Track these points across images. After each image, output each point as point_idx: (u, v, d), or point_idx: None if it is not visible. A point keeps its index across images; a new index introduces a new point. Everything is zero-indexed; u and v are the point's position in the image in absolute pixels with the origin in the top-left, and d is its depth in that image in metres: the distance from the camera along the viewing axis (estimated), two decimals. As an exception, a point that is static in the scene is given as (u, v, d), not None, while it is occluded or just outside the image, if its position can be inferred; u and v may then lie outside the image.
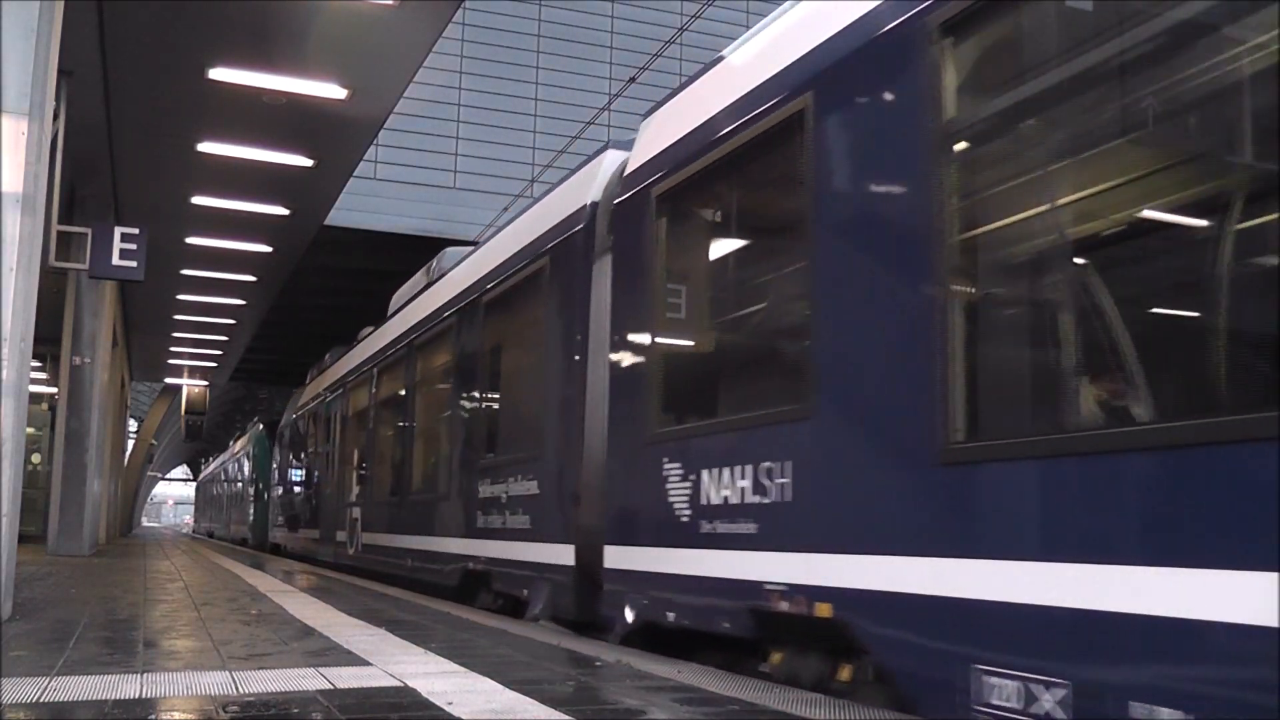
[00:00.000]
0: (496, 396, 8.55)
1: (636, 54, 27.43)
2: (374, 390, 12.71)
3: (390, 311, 12.87)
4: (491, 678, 4.03)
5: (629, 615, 5.52)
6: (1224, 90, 3.08)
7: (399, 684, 3.87)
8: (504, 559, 7.50)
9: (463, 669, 4.28)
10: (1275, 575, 2.45)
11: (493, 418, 8.50)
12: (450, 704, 3.43)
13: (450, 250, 11.18)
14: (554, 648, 5.19)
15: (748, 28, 5.49)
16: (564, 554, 6.44)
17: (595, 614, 6.00)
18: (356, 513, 13.07)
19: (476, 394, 8.71)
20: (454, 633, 5.80)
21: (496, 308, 8.36)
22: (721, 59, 5.43)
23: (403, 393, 11.29)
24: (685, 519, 5.00)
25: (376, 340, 13.13)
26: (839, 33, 4.29)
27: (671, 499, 5.15)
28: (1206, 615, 2.62)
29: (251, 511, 28.92)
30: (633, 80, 17.31)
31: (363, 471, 13.13)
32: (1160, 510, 2.83)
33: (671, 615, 5.12)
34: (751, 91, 4.88)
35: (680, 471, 5.12)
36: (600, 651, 5.04)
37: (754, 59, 5.03)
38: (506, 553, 7.43)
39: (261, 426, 29.31)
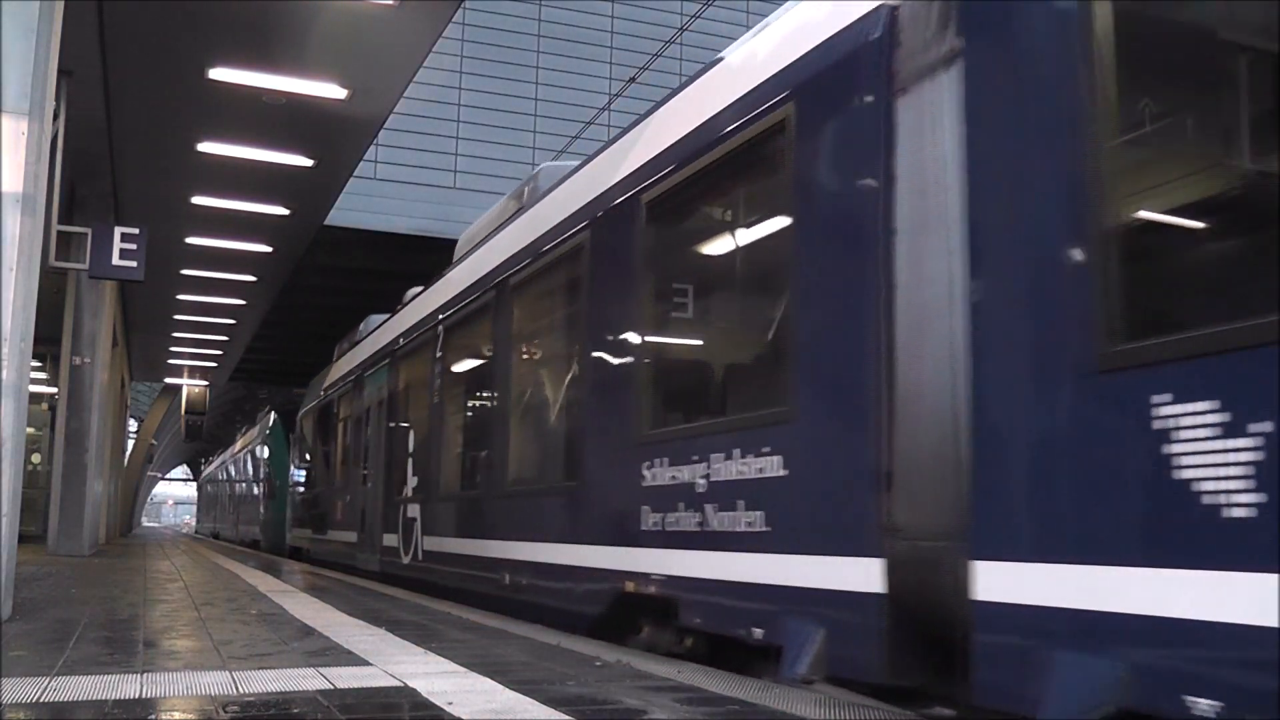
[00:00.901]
0: (672, 336, 5.96)
1: (636, 54, 27.45)
2: (439, 354, 9.83)
3: (457, 256, 10.15)
4: (492, 678, 4.03)
5: (1076, 690, 2.99)
6: None
7: (399, 684, 3.87)
8: (706, 579, 4.86)
9: (463, 669, 4.28)
10: None
11: (665, 369, 5.81)
12: (450, 704, 3.43)
13: (549, 166, 8.72)
14: (554, 648, 5.18)
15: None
16: (860, 573, 3.84)
17: (941, 677, 3.60)
18: (414, 511, 10.16)
19: (630, 337, 5.88)
20: (454, 633, 5.80)
21: (670, 205, 5.70)
22: None
23: (489, 351, 8.51)
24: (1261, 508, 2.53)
25: (441, 292, 10.13)
26: None
27: (1211, 472, 2.66)
28: None
29: (263, 511, 26.01)
30: (633, 80, 17.31)
31: (425, 458, 10.16)
32: None
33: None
34: None
35: (1238, 415, 2.61)
36: (600, 651, 5.04)
37: None
38: (712, 569, 4.81)
39: (275, 415, 26.24)
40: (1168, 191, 3.28)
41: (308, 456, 18.31)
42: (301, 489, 18.82)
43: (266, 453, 26.08)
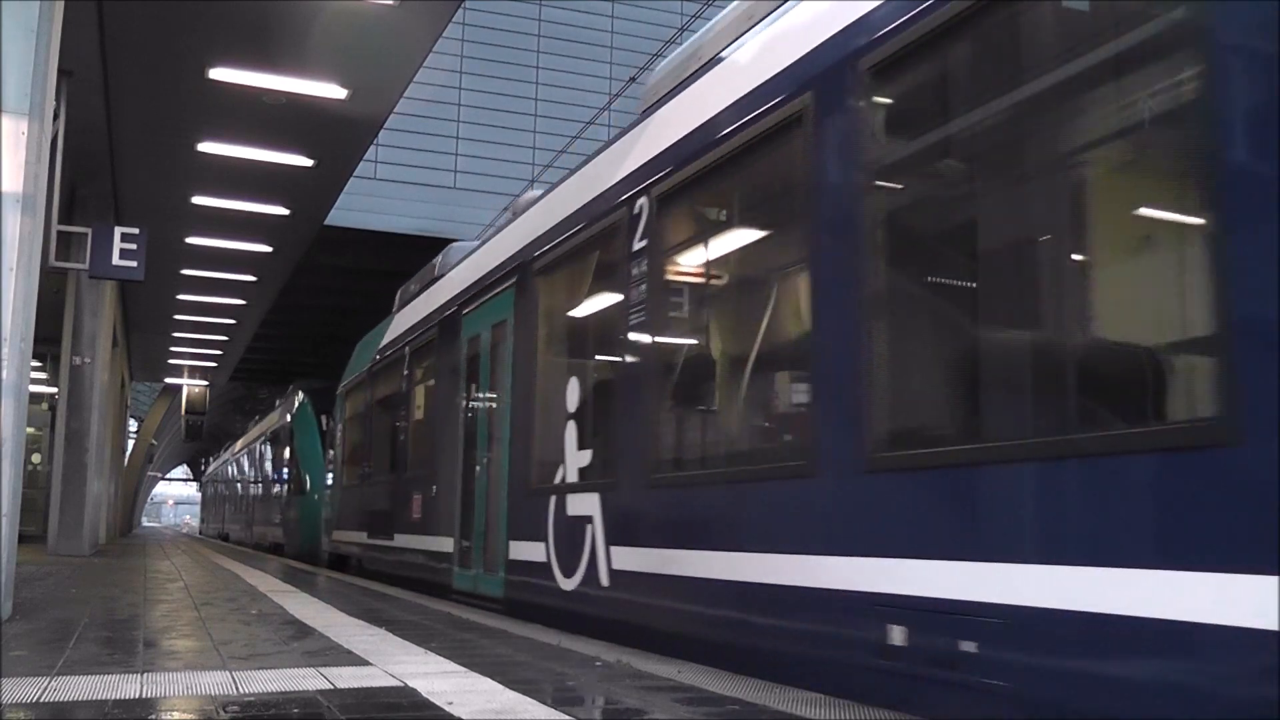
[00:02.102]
0: None
1: (636, 54, 27.45)
2: (643, 243, 5.89)
3: (665, 90, 6.24)
4: (492, 678, 4.03)
5: None
6: None
7: (399, 684, 3.87)
8: None
9: (463, 669, 4.27)
10: None
11: None
12: (450, 704, 3.43)
13: None
14: (554, 647, 5.18)
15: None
16: None
17: None
18: (585, 505, 6.27)
19: None
20: (454, 633, 5.79)
21: None
22: None
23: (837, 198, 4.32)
24: None
25: (642, 147, 6.15)
26: None
27: None
28: None
29: (287, 509, 22.00)
30: (633, 80, 17.33)
31: (613, 418, 6.17)
32: None
33: None
34: None
35: None
36: (600, 651, 5.04)
37: None
38: None
39: (302, 396, 21.93)
40: None
41: (357, 438, 13.96)
42: (347, 480, 14.46)
43: (292, 440, 21.79)
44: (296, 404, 22.13)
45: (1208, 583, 2.63)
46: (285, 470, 22.82)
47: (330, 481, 16.10)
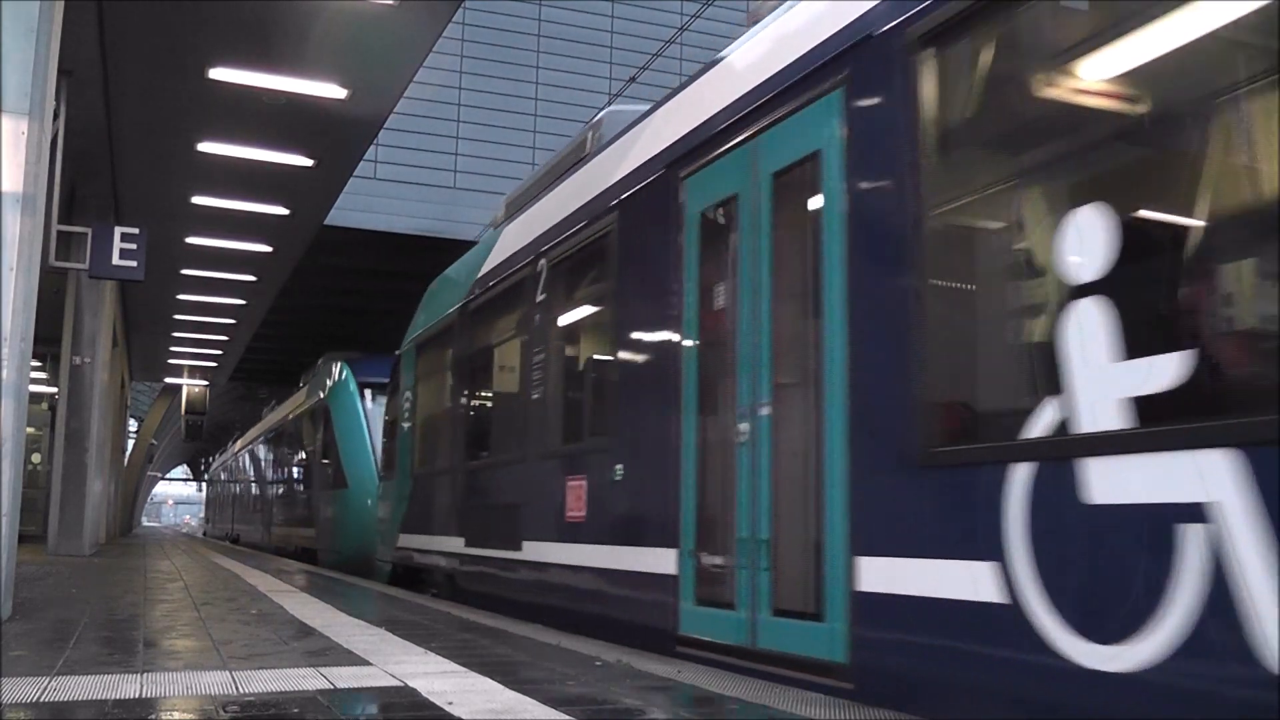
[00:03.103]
0: None
1: (636, 54, 27.47)
2: None
3: None
4: (491, 677, 4.03)
5: None
6: None
7: (399, 684, 3.87)
8: None
9: (463, 669, 4.27)
10: None
11: None
12: (450, 704, 3.43)
13: None
14: (554, 647, 5.18)
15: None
16: None
17: None
18: (1184, 483, 2.69)
19: None
20: (454, 633, 5.79)
21: None
22: None
23: None
24: None
25: None
26: None
27: None
28: None
29: (320, 507, 18.26)
30: (633, 80, 17.30)
31: None
32: None
33: None
34: None
35: None
36: (600, 651, 5.03)
37: None
38: None
39: (343, 368, 17.80)
40: None
41: (442, 406, 9.93)
42: (424, 464, 10.38)
43: (328, 422, 17.89)
44: (334, 378, 17.77)
45: None
46: (319, 458, 18.67)
47: (395, 467, 11.56)
